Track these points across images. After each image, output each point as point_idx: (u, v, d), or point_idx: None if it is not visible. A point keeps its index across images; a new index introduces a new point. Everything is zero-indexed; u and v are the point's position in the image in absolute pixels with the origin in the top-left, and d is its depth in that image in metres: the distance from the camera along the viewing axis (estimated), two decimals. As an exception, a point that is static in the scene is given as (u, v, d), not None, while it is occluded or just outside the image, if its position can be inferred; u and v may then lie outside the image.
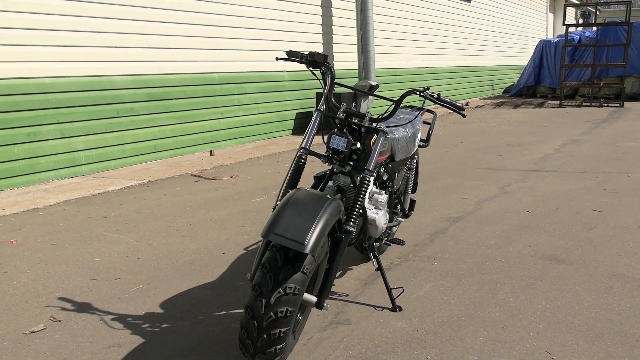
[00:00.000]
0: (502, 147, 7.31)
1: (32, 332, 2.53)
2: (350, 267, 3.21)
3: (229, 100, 7.63)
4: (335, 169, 2.49)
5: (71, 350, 2.36)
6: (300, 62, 2.58)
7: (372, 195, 2.68)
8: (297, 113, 8.89)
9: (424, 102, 2.77)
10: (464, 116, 2.49)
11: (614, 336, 2.38)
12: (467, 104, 13.42)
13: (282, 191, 2.45)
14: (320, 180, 2.61)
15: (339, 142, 2.38)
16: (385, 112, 2.53)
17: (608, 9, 27.76)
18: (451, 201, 4.63)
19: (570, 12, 24.34)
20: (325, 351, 2.31)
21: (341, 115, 2.47)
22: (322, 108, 2.54)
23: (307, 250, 1.94)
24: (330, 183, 2.69)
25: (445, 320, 2.56)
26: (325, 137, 2.45)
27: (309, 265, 1.99)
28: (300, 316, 2.27)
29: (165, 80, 6.71)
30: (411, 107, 3.51)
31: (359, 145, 2.46)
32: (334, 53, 9.52)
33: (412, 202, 3.39)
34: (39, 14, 5.38)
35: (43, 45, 5.45)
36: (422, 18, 12.30)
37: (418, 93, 2.41)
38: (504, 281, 2.98)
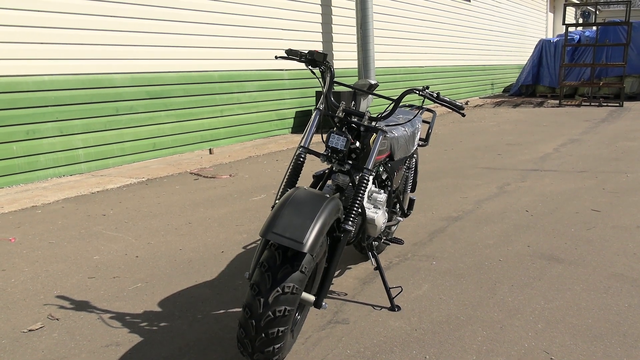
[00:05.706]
0: (501, 147, 7.31)
1: (30, 331, 2.52)
2: (349, 266, 3.20)
3: (228, 98, 7.62)
4: (334, 168, 2.49)
5: (69, 349, 2.36)
6: (299, 60, 2.58)
7: (371, 195, 2.68)
8: (296, 112, 8.88)
9: (423, 101, 2.77)
10: (464, 115, 2.49)
11: (613, 336, 2.38)
12: (466, 103, 13.42)
13: (281, 190, 2.44)
14: (319, 179, 2.61)
15: (338, 141, 2.38)
16: (384, 111, 2.52)
17: (608, 9, 27.75)
18: (450, 200, 4.63)
19: (570, 11, 24.33)
20: (324, 350, 2.31)
21: (340, 114, 2.47)
22: (322, 107, 2.54)
23: (306, 249, 1.94)
24: (329, 182, 2.69)
25: (443, 319, 2.55)
26: (325, 135, 2.44)
27: (307, 264, 1.99)
28: (298, 315, 2.27)
29: (164, 79, 6.70)
30: (410, 106, 3.51)
31: (358, 144, 2.45)
32: (333, 52, 9.51)
33: (411, 201, 3.39)
34: (38, 11, 5.37)
35: (42, 43, 5.44)
36: (422, 17, 12.29)
37: (417, 92, 2.40)
38: (503, 281, 2.98)
